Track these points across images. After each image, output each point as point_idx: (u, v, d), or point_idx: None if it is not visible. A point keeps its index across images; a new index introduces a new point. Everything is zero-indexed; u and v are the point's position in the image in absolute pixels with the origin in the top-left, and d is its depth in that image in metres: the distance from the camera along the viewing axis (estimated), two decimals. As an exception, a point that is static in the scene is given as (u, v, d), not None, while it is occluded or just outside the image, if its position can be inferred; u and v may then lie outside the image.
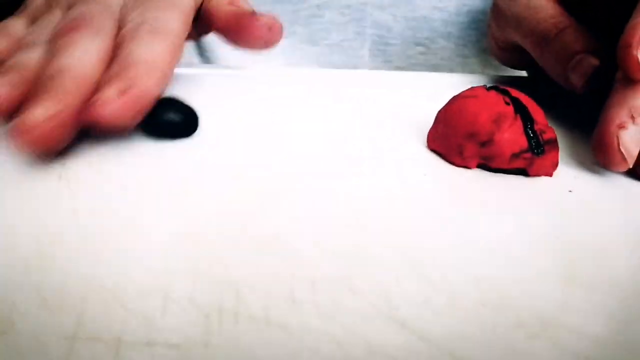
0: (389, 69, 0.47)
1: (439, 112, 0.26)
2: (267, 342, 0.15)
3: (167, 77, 0.25)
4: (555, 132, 0.24)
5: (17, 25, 0.29)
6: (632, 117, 0.23)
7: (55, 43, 0.25)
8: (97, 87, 0.23)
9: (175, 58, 0.26)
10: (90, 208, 0.20)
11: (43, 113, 0.21)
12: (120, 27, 0.26)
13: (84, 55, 0.24)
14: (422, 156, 0.26)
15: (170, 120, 0.26)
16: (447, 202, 0.22)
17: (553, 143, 0.24)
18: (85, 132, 0.24)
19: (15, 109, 0.23)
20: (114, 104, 0.22)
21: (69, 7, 0.28)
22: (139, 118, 0.23)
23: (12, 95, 0.23)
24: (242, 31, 0.31)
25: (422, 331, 0.16)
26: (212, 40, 0.46)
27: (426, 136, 0.27)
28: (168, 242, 0.19)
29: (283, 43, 0.33)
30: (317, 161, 0.25)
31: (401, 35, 0.46)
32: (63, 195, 0.21)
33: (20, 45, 0.27)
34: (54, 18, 0.28)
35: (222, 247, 0.19)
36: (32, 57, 0.25)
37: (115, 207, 0.21)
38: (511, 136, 0.23)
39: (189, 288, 0.17)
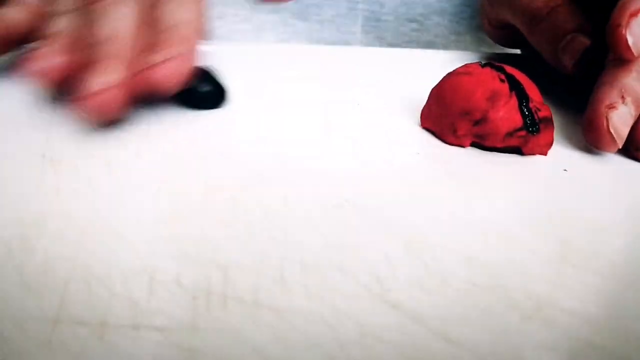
0: (382, 45, 0.46)
1: (433, 89, 0.26)
2: (255, 324, 0.15)
3: (202, 34, 0.25)
4: (551, 110, 0.24)
5: None
6: (622, 97, 0.23)
7: (90, 9, 0.24)
8: (144, 51, 0.23)
9: (205, 16, 0.26)
10: (74, 188, 0.20)
11: (105, 81, 0.21)
12: None
13: (124, 21, 0.24)
14: (415, 135, 0.25)
15: (206, 91, 0.26)
16: (440, 181, 0.22)
17: (548, 121, 0.24)
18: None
19: (67, 78, 0.23)
20: (169, 67, 0.22)
21: None
22: (184, 80, 0.24)
23: (64, 65, 0.23)
24: None
25: (414, 312, 0.15)
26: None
27: (419, 114, 0.27)
28: (154, 223, 0.18)
29: (273, 18, 0.32)
30: (308, 140, 0.24)
31: (394, 11, 0.45)
32: (46, 174, 0.21)
33: (45, 15, 0.26)
34: None
35: (210, 227, 0.18)
36: (67, 25, 0.24)
37: (100, 187, 0.20)
38: (506, 114, 0.23)
39: (176, 270, 0.16)
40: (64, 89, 0.23)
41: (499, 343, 0.15)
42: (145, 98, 0.23)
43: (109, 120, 0.23)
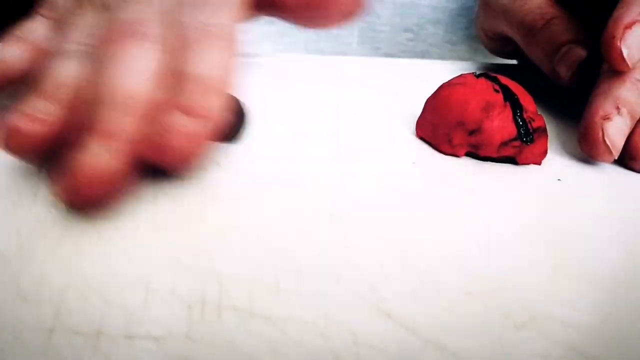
0: (378, 55, 0.46)
1: (428, 99, 0.26)
2: (250, 333, 0.15)
3: (228, 86, 0.20)
4: (545, 120, 0.24)
5: (37, 29, 0.23)
6: (617, 108, 0.23)
7: (99, 54, 0.19)
8: (160, 109, 0.18)
9: (232, 61, 0.20)
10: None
11: (98, 163, 0.17)
12: (167, 31, 0.20)
13: (138, 71, 0.19)
14: (411, 144, 0.26)
15: (232, 128, 0.24)
16: (435, 191, 0.22)
17: (542, 131, 0.24)
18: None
19: (54, 145, 0.18)
20: (184, 134, 0.18)
21: (105, 7, 0.21)
22: (207, 143, 0.19)
23: (53, 128, 0.18)
24: (321, 6, 0.25)
25: (408, 321, 0.15)
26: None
27: (414, 124, 0.27)
28: (150, 232, 0.18)
29: (270, 29, 0.32)
30: (303, 149, 0.24)
31: (390, 21, 0.45)
32: (43, 184, 0.21)
33: (47, 55, 0.21)
34: (87, 21, 0.21)
35: (206, 237, 0.18)
36: (68, 70, 0.19)
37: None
38: (500, 124, 0.23)
39: (171, 279, 0.16)
40: (48, 159, 0.19)
41: (492, 352, 0.15)
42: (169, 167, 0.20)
43: (93, 207, 0.19)
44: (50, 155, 0.19)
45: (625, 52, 0.23)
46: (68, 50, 0.20)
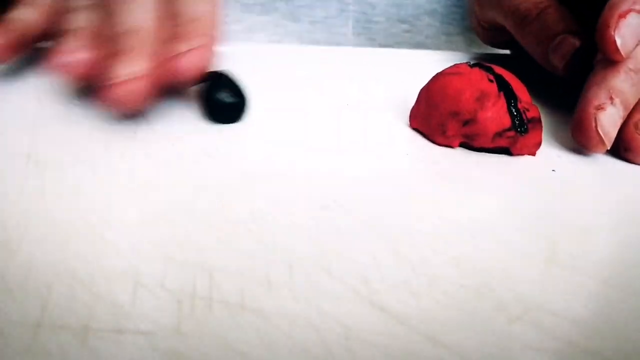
0: (373, 47, 0.46)
1: (422, 90, 0.26)
2: (241, 327, 0.15)
3: (219, 29, 0.25)
4: (539, 110, 0.24)
5: None
6: (611, 98, 0.23)
7: (107, 4, 0.24)
8: (166, 42, 0.23)
9: (217, 8, 0.26)
10: (59, 190, 0.20)
11: (130, 72, 0.22)
12: None
13: (144, 13, 0.23)
14: (404, 135, 0.25)
15: (230, 103, 0.26)
16: (429, 182, 0.22)
17: (536, 122, 0.24)
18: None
19: (93, 72, 0.23)
20: (192, 56, 0.23)
21: None
22: (205, 69, 0.24)
23: (88, 59, 0.23)
24: None
25: (401, 315, 0.15)
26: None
27: (408, 115, 0.27)
28: (139, 226, 0.18)
29: (264, 19, 0.32)
30: (296, 141, 0.24)
31: (385, 12, 0.45)
32: (31, 175, 0.20)
33: (60, 13, 0.25)
34: None
35: (196, 230, 0.18)
36: (86, 20, 0.24)
37: (85, 189, 0.20)
38: (494, 115, 0.23)
39: (161, 273, 0.16)
40: (90, 83, 0.23)
41: (486, 345, 0.15)
42: (169, 89, 0.24)
43: (134, 111, 0.24)
44: (91, 79, 0.23)
45: (619, 42, 0.22)
46: (78, 7, 0.25)
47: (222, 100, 0.25)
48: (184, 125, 0.25)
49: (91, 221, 0.18)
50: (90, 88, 0.24)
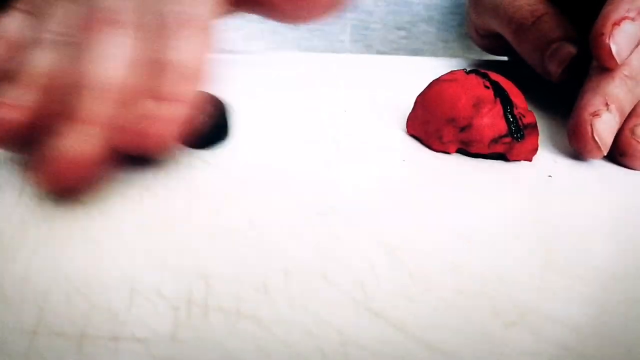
0: (370, 53, 0.46)
1: (418, 96, 0.26)
2: (237, 334, 0.15)
3: (204, 74, 0.20)
4: (535, 116, 0.24)
5: (11, 23, 0.21)
6: (606, 105, 0.23)
7: (75, 42, 0.19)
8: (137, 96, 0.18)
9: (208, 49, 0.20)
10: (56, 197, 0.20)
11: (78, 142, 0.17)
12: (143, 19, 0.20)
13: (113, 57, 0.18)
14: (401, 141, 0.25)
15: (212, 134, 0.23)
16: (426, 188, 0.22)
17: (533, 127, 0.24)
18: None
19: (32, 132, 0.18)
20: (160, 122, 0.18)
21: None
22: (183, 134, 0.19)
23: (29, 114, 0.18)
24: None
25: (397, 321, 0.15)
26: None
27: (405, 121, 0.27)
28: (136, 232, 0.18)
29: (262, 27, 0.32)
30: (293, 147, 0.24)
31: (382, 19, 0.45)
32: (28, 183, 0.20)
33: (21, 45, 0.20)
34: (63, 11, 0.20)
35: (192, 236, 0.18)
36: (43, 59, 0.19)
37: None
38: (490, 121, 0.23)
39: (157, 279, 0.16)
40: (26, 146, 0.19)
41: (482, 350, 0.15)
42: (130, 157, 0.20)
43: (75, 190, 0.19)
44: (28, 144, 0.18)
45: (613, 49, 0.23)
46: (44, 40, 0.20)
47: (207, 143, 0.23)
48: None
49: (88, 229, 0.18)
50: (25, 152, 0.19)
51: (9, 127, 0.18)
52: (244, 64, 0.34)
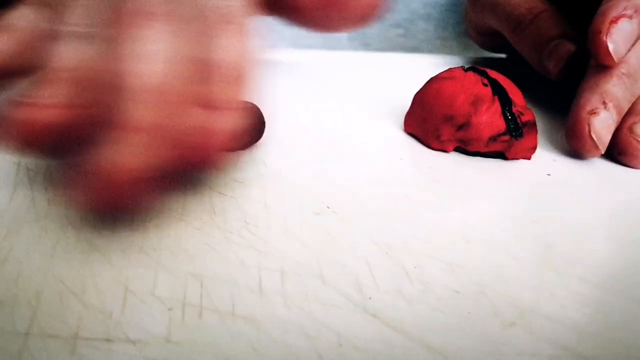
0: (368, 51, 0.46)
1: (416, 94, 0.26)
2: (232, 335, 0.14)
3: (250, 73, 0.18)
4: (534, 114, 0.24)
5: (24, 16, 0.19)
6: (604, 103, 0.23)
7: (103, 36, 0.16)
8: (179, 105, 0.16)
9: (252, 50, 0.18)
10: (49, 197, 0.19)
11: (131, 153, 0.15)
12: (179, 12, 0.17)
13: (152, 56, 0.16)
14: (399, 140, 0.25)
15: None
16: (423, 187, 0.22)
17: (531, 125, 0.23)
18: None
19: (66, 136, 0.16)
20: (213, 133, 0.16)
21: None
22: (237, 134, 0.17)
23: (58, 116, 0.15)
24: (338, 6, 0.22)
25: (394, 321, 0.15)
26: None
27: (403, 119, 0.26)
28: (129, 232, 0.18)
29: (259, 25, 0.31)
30: (289, 145, 0.24)
31: (380, 17, 0.45)
32: (21, 183, 0.20)
33: (38, 39, 0.18)
34: (84, 1, 0.17)
35: (187, 236, 0.18)
36: (68, 54, 0.16)
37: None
38: (489, 119, 0.23)
39: (151, 280, 0.16)
40: (59, 153, 0.16)
41: (480, 351, 0.14)
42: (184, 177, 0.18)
43: (121, 212, 0.17)
44: (61, 150, 0.16)
45: (611, 47, 0.22)
46: (65, 33, 0.17)
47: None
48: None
49: (81, 229, 0.18)
50: (61, 160, 0.17)
51: (40, 129, 0.15)
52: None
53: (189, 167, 0.16)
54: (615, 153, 0.24)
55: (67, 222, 0.18)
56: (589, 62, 0.25)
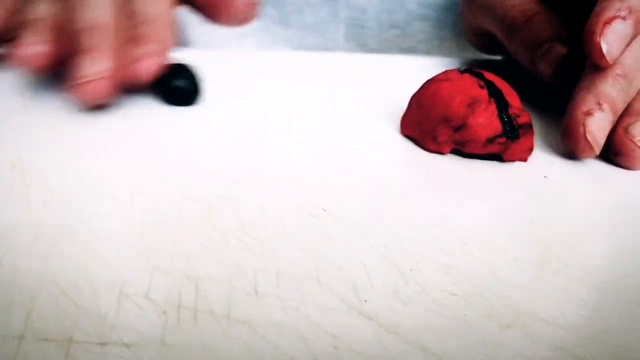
0: (364, 52, 0.46)
1: (412, 96, 0.26)
2: (227, 338, 0.14)
3: (175, 30, 0.27)
4: (531, 116, 0.24)
5: None
6: (599, 104, 0.23)
7: None
8: (125, 43, 0.25)
9: (174, 11, 0.28)
10: (45, 199, 0.19)
11: (95, 71, 0.23)
12: None
13: (104, 11, 0.25)
14: (395, 142, 0.25)
15: (181, 87, 0.27)
16: (420, 188, 0.22)
17: (528, 127, 0.23)
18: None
19: (55, 65, 0.24)
20: (149, 61, 0.24)
21: None
22: (162, 72, 0.25)
23: (50, 51, 0.24)
24: (222, 5, 0.30)
25: (391, 323, 0.15)
26: (181, 22, 0.44)
27: (399, 121, 0.26)
28: (125, 234, 0.18)
29: (255, 25, 0.31)
30: (286, 147, 0.24)
31: (376, 17, 0.45)
32: (16, 185, 0.20)
33: (19, 9, 0.26)
34: None
35: (182, 238, 0.18)
36: (47, 12, 0.25)
37: (70, 198, 0.19)
38: (485, 120, 0.23)
39: (146, 283, 0.16)
40: (53, 75, 0.25)
41: (477, 353, 0.14)
42: (127, 88, 0.25)
43: (98, 105, 0.25)
44: (56, 71, 0.25)
45: (604, 48, 0.22)
46: None
47: (178, 86, 0.27)
48: (173, 134, 0.25)
49: (76, 231, 0.18)
50: (54, 81, 0.26)
51: (35, 59, 0.24)
52: (237, 62, 0.34)
53: (128, 81, 0.25)
54: (611, 154, 0.24)
55: (63, 224, 0.18)
56: (583, 64, 0.25)
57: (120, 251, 0.17)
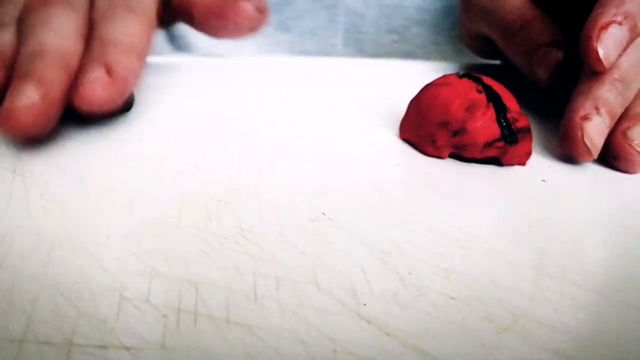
0: (363, 57, 0.46)
1: (411, 101, 0.26)
2: (227, 342, 0.14)
3: (145, 56, 0.25)
4: (529, 120, 0.24)
5: None
6: (597, 108, 0.23)
7: (27, 20, 0.24)
8: (78, 68, 0.23)
9: (150, 36, 0.25)
10: (45, 204, 0.19)
11: (26, 99, 0.21)
12: (92, 3, 0.25)
13: (60, 33, 0.23)
14: (394, 146, 0.25)
15: None
16: (419, 193, 0.22)
17: (526, 131, 0.24)
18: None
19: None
20: (99, 87, 0.22)
21: None
22: (122, 99, 0.23)
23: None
24: (226, 17, 0.28)
25: (389, 327, 0.15)
26: (183, 27, 0.45)
27: (398, 126, 0.27)
28: (125, 239, 0.18)
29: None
30: (285, 152, 0.24)
31: (375, 23, 0.45)
32: (17, 190, 0.20)
33: None
34: None
35: (182, 243, 0.18)
36: (4, 37, 0.24)
37: (70, 203, 0.20)
38: (484, 125, 0.23)
39: (145, 287, 0.16)
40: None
41: (475, 356, 0.14)
42: (87, 114, 0.23)
43: (32, 138, 0.22)
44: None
45: (601, 53, 0.23)
46: (4, 22, 0.25)
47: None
48: (170, 137, 0.25)
49: (77, 236, 0.18)
50: None
51: None
52: (236, 67, 0.34)
53: (79, 109, 0.22)
54: (610, 158, 0.24)
55: (62, 229, 0.18)
56: (580, 69, 0.25)
57: (120, 255, 0.17)
